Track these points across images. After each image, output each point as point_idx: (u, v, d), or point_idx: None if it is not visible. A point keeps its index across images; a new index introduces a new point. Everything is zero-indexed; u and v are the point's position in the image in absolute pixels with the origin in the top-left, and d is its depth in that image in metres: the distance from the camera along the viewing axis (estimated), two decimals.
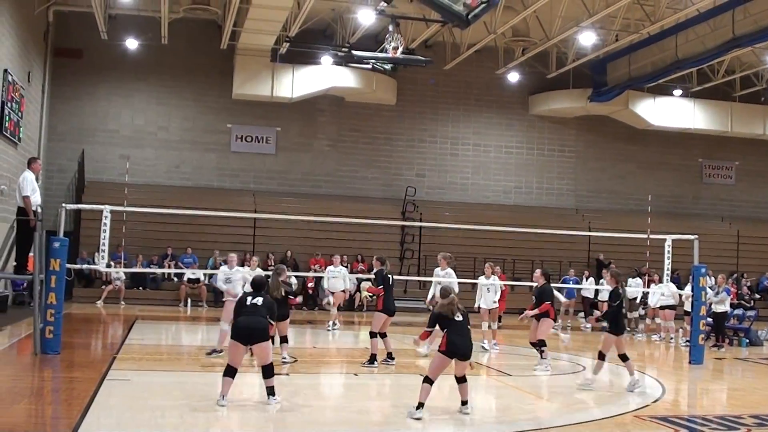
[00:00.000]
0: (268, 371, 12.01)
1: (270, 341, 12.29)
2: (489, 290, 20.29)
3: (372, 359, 16.26)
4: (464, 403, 11.96)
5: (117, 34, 33.61)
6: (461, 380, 11.93)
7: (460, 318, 11.93)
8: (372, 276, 17.30)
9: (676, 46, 31.63)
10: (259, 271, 18.10)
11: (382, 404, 12.92)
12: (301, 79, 34.37)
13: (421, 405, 11.45)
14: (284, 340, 16.52)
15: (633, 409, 12.79)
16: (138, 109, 35.40)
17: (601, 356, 14.52)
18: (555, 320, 19.20)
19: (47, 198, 29.51)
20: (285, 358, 16.17)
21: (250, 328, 11.85)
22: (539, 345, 16.91)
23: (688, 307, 22.86)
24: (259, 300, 12.19)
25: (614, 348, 14.53)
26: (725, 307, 22.94)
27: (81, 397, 11.68)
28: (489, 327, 20.08)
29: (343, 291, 25.25)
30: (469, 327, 12.01)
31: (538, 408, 12.94)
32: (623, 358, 14.51)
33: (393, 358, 16.52)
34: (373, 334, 16.41)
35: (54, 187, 33.16)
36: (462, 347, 11.79)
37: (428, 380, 11.62)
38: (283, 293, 15.61)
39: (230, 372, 11.80)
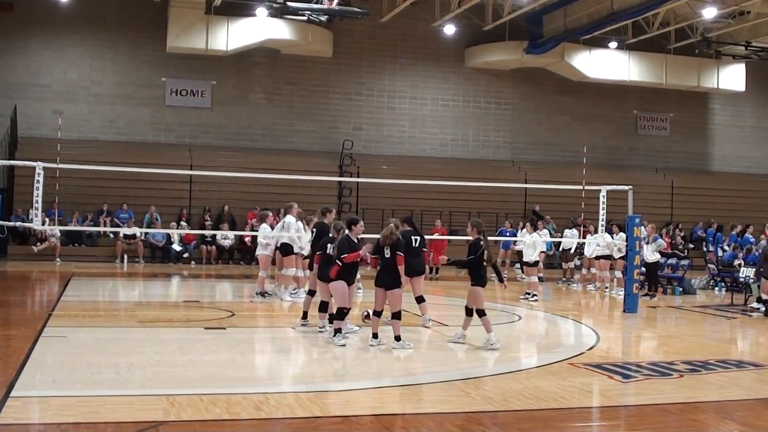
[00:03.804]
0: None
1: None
2: None
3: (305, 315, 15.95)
4: (374, 336, 13.44)
5: None
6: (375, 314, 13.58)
7: (388, 255, 13.46)
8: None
9: None
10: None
11: (317, 356, 12.99)
12: (236, 32, 33.98)
13: (374, 335, 13.39)
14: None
15: (568, 357, 12.98)
16: (71, 63, 34.84)
17: (469, 312, 13.84)
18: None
19: None
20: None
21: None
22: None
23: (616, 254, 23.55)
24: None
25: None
26: (657, 257, 23.33)
27: (16, 355, 11.59)
28: None
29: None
30: (393, 262, 13.46)
31: (474, 357, 13.07)
32: (480, 313, 13.73)
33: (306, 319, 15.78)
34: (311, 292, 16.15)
35: None
36: (379, 280, 13.47)
37: (375, 313, 13.55)
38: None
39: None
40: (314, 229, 16.83)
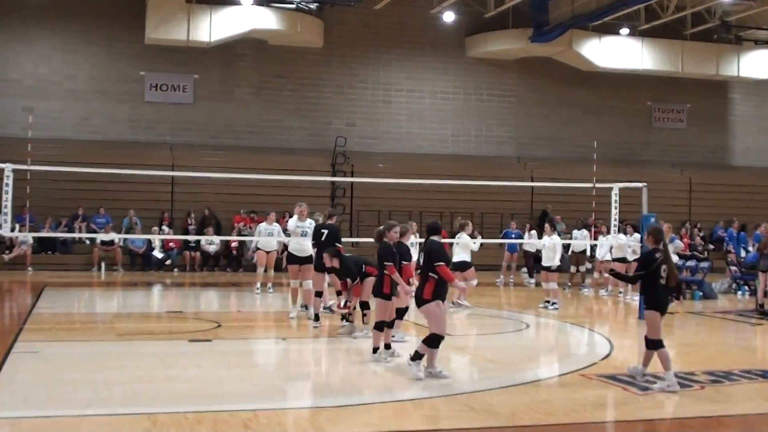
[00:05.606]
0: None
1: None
2: None
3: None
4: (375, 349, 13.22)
5: None
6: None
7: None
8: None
9: None
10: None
11: (311, 369, 12.98)
12: (220, 22, 33.90)
13: (375, 349, 13.16)
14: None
15: (579, 367, 12.97)
16: (42, 57, 34.74)
17: (650, 344, 12.04)
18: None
19: None
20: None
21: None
22: None
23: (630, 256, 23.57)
24: None
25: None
26: (675, 258, 23.30)
27: None
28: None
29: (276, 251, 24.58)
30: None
31: (481, 368, 13.07)
32: (654, 344, 12.01)
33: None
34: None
35: None
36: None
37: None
38: None
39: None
40: (325, 230, 17.19)
